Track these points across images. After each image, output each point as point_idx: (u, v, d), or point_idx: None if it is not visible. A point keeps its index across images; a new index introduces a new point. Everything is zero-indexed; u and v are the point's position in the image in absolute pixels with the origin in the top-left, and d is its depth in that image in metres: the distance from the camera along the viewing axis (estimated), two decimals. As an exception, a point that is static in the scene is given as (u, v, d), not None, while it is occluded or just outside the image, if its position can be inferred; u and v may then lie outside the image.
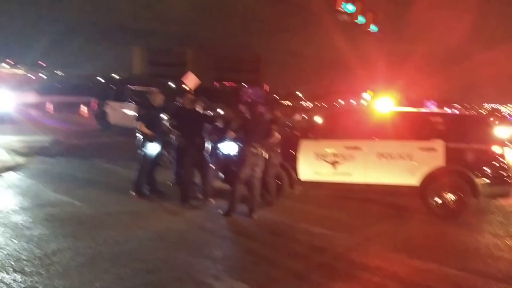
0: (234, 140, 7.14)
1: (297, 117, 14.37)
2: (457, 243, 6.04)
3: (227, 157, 7.69)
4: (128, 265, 4.63)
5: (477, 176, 7.03)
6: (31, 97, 38.58)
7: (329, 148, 7.49)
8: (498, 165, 7.13)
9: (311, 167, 7.53)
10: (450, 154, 7.06)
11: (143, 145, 7.47)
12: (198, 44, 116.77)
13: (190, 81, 20.70)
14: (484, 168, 7.10)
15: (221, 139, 7.85)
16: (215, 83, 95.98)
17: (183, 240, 5.54)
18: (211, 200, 7.27)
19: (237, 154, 7.07)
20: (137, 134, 7.55)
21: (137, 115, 7.61)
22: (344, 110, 14.36)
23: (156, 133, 7.50)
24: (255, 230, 6.20)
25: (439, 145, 7.11)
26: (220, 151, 7.86)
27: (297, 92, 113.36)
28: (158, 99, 7.72)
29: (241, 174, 6.67)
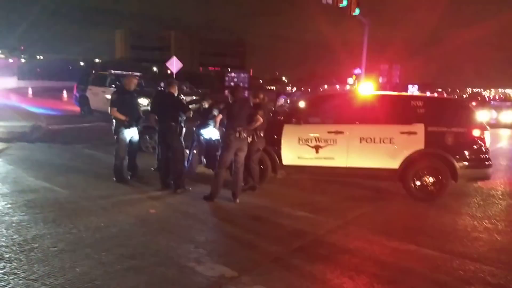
0: (218, 124, 7.10)
1: (281, 101, 14.35)
2: (436, 224, 6.15)
3: (210, 141, 7.67)
4: (109, 250, 4.62)
5: (457, 159, 7.14)
6: (11, 82, 37.80)
7: (312, 132, 7.51)
8: (477, 148, 7.25)
9: (294, 151, 7.56)
10: (430, 138, 7.15)
11: (117, 130, 7.38)
12: (182, 28, 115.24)
13: (173, 65, 20.53)
14: (464, 151, 7.21)
15: (204, 124, 7.83)
16: (200, 68, 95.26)
17: (165, 225, 5.54)
18: (186, 187, 7.15)
19: (220, 138, 7.04)
20: (113, 120, 7.45)
21: (110, 100, 7.45)
22: (326, 94, 14.37)
23: (131, 118, 7.40)
24: (237, 214, 6.22)
25: (419, 128, 7.18)
26: (203, 136, 7.82)
27: (283, 78, 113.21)
28: (131, 83, 7.60)
29: (224, 159, 6.66)
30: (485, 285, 4.23)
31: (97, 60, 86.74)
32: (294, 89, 76.29)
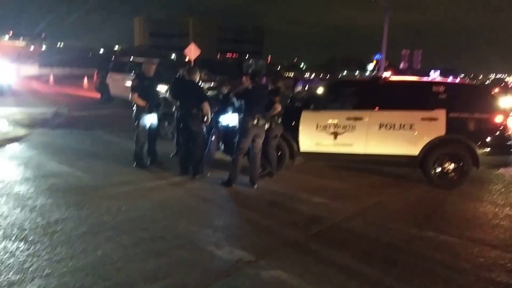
0: (236, 110, 7.11)
1: (299, 88, 14.27)
2: (456, 211, 6.09)
3: (228, 128, 7.69)
4: (130, 233, 4.71)
5: (478, 146, 7.02)
6: (32, 69, 38.42)
7: (330, 119, 7.46)
8: (499, 134, 7.11)
9: (312, 138, 7.52)
10: (452, 124, 7.03)
11: (137, 116, 7.45)
12: (201, 15, 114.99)
13: (191, 52, 20.54)
14: (486, 137, 7.08)
15: (222, 110, 7.84)
16: (218, 54, 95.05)
17: (184, 210, 5.61)
18: (206, 173, 7.22)
19: (238, 125, 7.05)
20: (133, 106, 7.52)
21: (131, 86, 7.51)
22: (345, 80, 14.23)
23: (151, 104, 7.46)
24: (255, 200, 6.25)
25: (440, 114, 7.06)
26: (221, 122, 7.85)
27: (301, 64, 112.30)
28: (150, 69, 7.64)
29: (242, 145, 6.67)
30: (506, 272, 4.18)
31: (116, 47, 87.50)
32: (313, 75, 75.66)
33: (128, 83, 16.31)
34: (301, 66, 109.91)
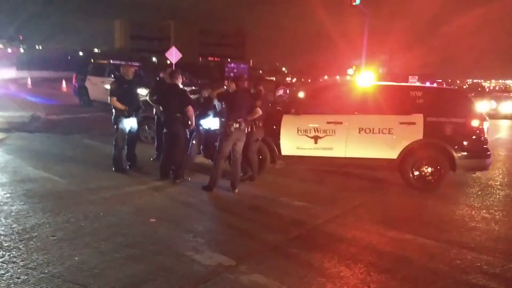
0: (217, 114, 7.09)
1: (280, 92, 14.30)
2: (434, 214, 6.18)
3: (209, 132, 7.66)
4: (108, 239, 4.64)
5: (455, 149, 7.14)
6: (10, 72, 37.72)
7: (311, 123, 7.50)
8: (476, 138, 7.25)
9: (292, 142, 7.56)
10: (429, 128, 7.15)
11: (117, 120, 7.38)
12: (182, 18, 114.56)
13: (173, 55, 20.45)
14: (463, 141, 7.21)
15: (203, 114, 7.81)
16: (200, 58, 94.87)
17: (164, 215, 5.55)
18: (187, 177, 7.20)
19: (219, 129, 7.03)
20: (112, 109, 7.44)
21: (109, 89, 7.44)
22: (326, 85, 14.35)
23: (131, 107, 7.39)
24: (236, 204, 6.24)
25: (418, 119, 7.18)
26: (202, 126, 7.82)
27: (282, 68, 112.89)
28: (129, 72, 7.58)
29: (223, 149, 6.66)
30: (482, 274, 4.26)
31: (96, 50, 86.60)
32: (294, 79, 76.09)
33: (107, 86, 16.14)
34: (283, 70, 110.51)
